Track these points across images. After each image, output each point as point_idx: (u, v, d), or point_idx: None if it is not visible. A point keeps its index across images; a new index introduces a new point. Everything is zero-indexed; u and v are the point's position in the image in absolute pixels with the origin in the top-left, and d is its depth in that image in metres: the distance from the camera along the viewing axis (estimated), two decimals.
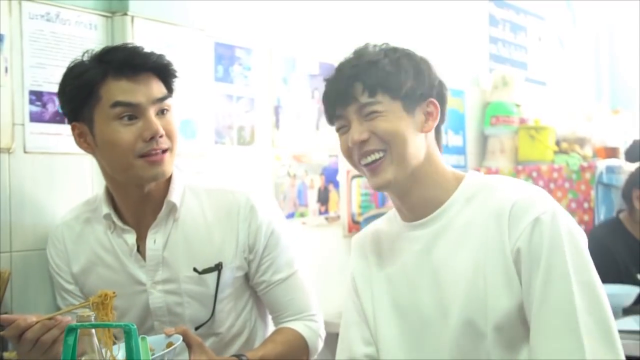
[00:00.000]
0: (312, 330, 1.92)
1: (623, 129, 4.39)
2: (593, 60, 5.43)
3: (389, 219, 1.72)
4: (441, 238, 1.58)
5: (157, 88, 1.76)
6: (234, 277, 1.87)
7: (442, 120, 1.63)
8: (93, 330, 1.41)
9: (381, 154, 1.56)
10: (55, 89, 2.04)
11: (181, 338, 1.62)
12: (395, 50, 1.61)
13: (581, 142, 4.09)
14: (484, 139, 4.10)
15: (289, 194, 2.87)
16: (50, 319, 1.63)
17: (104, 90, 1.72)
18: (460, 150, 3.93)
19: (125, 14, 2.20)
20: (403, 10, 3.45)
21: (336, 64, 1.64)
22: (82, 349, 1.37)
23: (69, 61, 2.07)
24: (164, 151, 1.75)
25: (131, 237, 1.84)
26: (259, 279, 1.91)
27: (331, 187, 3.08)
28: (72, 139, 1.81)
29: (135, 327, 1.30)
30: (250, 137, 2.72)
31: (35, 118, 2.02)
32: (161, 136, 1.73)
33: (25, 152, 2.00)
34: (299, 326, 1.90)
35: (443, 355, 1.56)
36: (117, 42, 2.19)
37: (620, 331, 1.54)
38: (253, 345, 1.94)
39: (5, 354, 1.77)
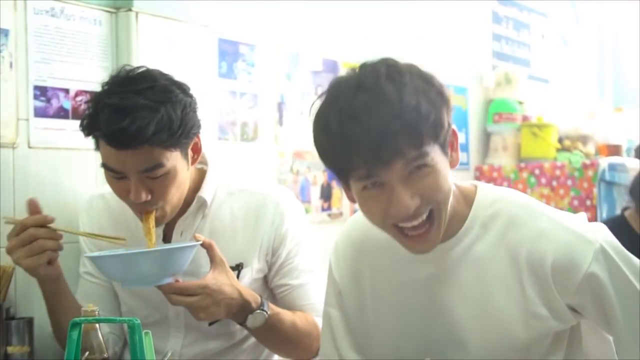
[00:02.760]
0: None
1: (626, 126, 4.38)
2: (596, 58, 5.43)
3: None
4: (454, 266, 1.44)
5: (146, 159, 1.64)
6: (253, 278, 1.87)
7: None
8: (97, 325, 1.42)
9: (424, 217, 1.35)
10: (59, 84, 2.06)
11: (200, 243, 1.67)
12: (412, 77, 1.32)
13: (584, 139, 4.09)
14: (486, 136, 4.10)
15: (291, 191, 2.87)
16: (55, 230, 1.72)
17: (99, 143, 1.69)
18: (463, 148, 3.93)
19: (130, 10, 2.20)
20: (406, 8, 3.45)
21: (334, 109, 1.33)
22: (86, 345, 1.38)
23: (73, 57, 2.09)
24: (153, 209, 1.72)
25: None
26: (278, 282, 1.91)
27: (334, 183, 3.08)
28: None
29: (139, 322, 1.31)
30: (253, 133, 2.72)
31: (39, 113, 2.03)
32: (147, 199, 1.68)
33: (29, 147, 2.01)
34: (317, 319, 1.88)
35: None
36: (122, 38, 2.20)
37: None
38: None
39: (9, 348, 1.78)
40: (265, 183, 2.03)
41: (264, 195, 1.89)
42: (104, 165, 1.69)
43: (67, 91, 2.09)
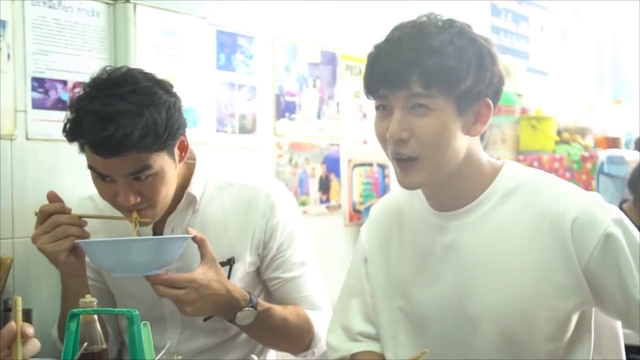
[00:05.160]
0: (320, 323, 1.90)
1: (624, 119, 4.38)
2: (595, 51, 5.42)
3: (411, 196, 1.60)
4: (474, 233, 1.49)
5: (132, 163, 1.63)
6: (245, 272, 1.87)
7: (494, 112, 1.50)
8: (96, 317, 1.42)
9: (407, 156, 1.44)
10: (57, 75, 2.06)
11: (191, 236, 1.67)
12: (461, 34, 1.44)
13: (582, 132, 4.09)
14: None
15: (290, 183, 2.87)
16: (79, 217, 1.74)
17: (84, 148, 1.68)
18: None
19: (128, 2, 2.20)
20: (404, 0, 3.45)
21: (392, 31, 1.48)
22: (84, 336, 1.38)
23: (71, 48, 2.08)
24: (143, 208, 1.72)
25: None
26: (270, 275, 1.90)
27: (332, 175, 3.08)
28: None
29: (137, 313, 1.31)
30: (252, 126, 2.72)
31: (37, 105, 2.02)
32: (136, 201, 1.68)
33: (27, 139, 2.00)
34: (309, 313, 1.90)
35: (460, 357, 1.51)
36: (119, 30, 2.19)
37: None
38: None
39: None
40: (256, 176, 2.02)
41: (255, 188, 1.88)
42: (90, 167, 1.69)
43: (64, 83, 2.08)
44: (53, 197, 1.76)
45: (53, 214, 1.71)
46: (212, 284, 1.67)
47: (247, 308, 1.73)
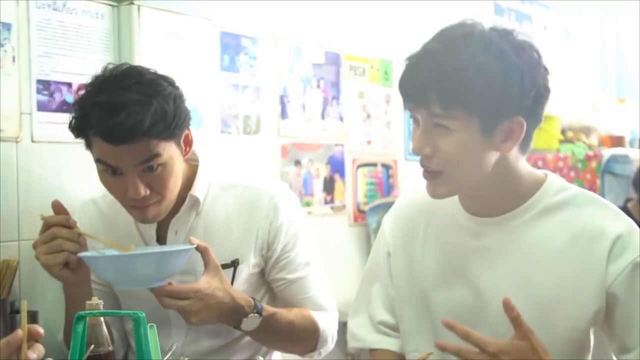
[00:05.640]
0: (326, 323, 1.90)
1: (629, 118, 4.38)
2: (598, 50, 5.41)
3: None
4: (509, 242, 1.48)
5: (142, 151, 1.63)
6: (250, 273, 1.86)
7: (537, 124, 1.47)
8: (102, 319, 1.42)
9: (431, 169, 1.44)
10: (62, 78, 2.06)
11: (195, 246, 1.65)
12: (488, 47, 1.37)
13: (587, 131, 4.09)
14: None
15: (294, 184, 2.87)
16: (79, 234, 1.70)
17: (92, 142, 1.67)
18: None
19: (132, 3, 2.20)
20: (408, 0, 3.45)
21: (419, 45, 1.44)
22: (90, 338, 1.38)
23: (75, 50, 2.09)
24: (151, 203, 1.71)
25: (152, 226, 1.83)
26: (275, 276, 1.90)
27: (337, 176, 3.08)
28: None
29: (144, 315, 1.31)
30: (256, 127, 2.72)
31: (42, 107, 2.03)
32: (145, 194, 1.67)
33: (32, 141, 2.01)
34: (315, 314, 1.89)
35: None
36: (124, 31, 2.20)
37: None
38: None
39: None
40: (259, 177, 2.01)
41: (258, 189, 1.87)
42: (98, 160, 1.67)
43: (69, 85, 2.09)
44: (57, 208, 1.73)
45: (55, 226, 1.70)
46: (217, 293, 1.66)
47: (252, 314, 1.73)
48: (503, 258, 1.48)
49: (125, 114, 1.57)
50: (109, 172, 1.67)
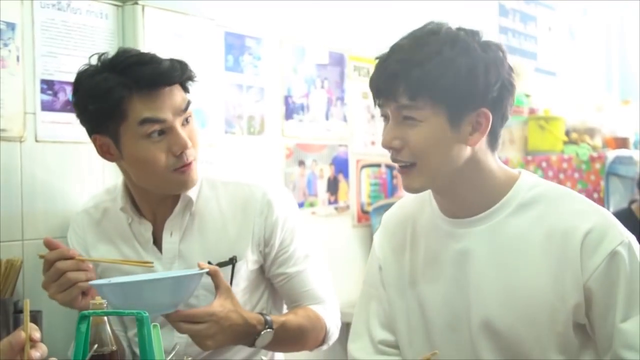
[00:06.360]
0: (330, 315, 1.92)
1: (633, 119, 4.37)
2: (603, 51, 5.41)
3: (421, 202, 1.62)
4: (486, 242, 1.50)
5: (180, 97, 1.73)
6: (249, 270, 1.87)
7: (503, 120, 1.49)
8: (106, 319, 1.42)
9: (404, 163, 1.47)
10: (66, 77, 2.06)
11: (206, 270, 1.64)
12: (454, 43, 1.42)
13: (591, 132, 4.08)
14: None
15: (298, 184, 2.87)
16: (82, 261, 1.72)
17: (130, 108, 1.68)
18: None
19: (136, 3, 2.21)
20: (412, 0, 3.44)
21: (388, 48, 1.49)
22: (94, 338, 1.38)
23: (80, 50, 2.09)
24: (189, 163, 1.74)
25: (148, 230, 1.84)
26: (275, 272, 1.90)
27: (341, 176, 3.08)
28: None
29: (147, 315, 1.31)
30: (260, 127, 2.72)
31: (46, 107, 2.03)
32: (189, 147, 1.72)
33: (36, 141, 2.01)
34: (318, 309, 1.90)
35: None
36: (128, 31, 2.20)
37: None
38: None
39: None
40: (249, 175, 2.02)
41: (250, 186, 1.88)
42: (144, 122, 1.68)
43: None
44: (50, 244, 1.73)
45: (56, 261, 1.70)
46: (231, 315, 1.66)
47: (264, 331, 1.73)
48: (484, 258, 1.50)
49: (155, 64, 1.70)
50: (156, 133, 1.69)
